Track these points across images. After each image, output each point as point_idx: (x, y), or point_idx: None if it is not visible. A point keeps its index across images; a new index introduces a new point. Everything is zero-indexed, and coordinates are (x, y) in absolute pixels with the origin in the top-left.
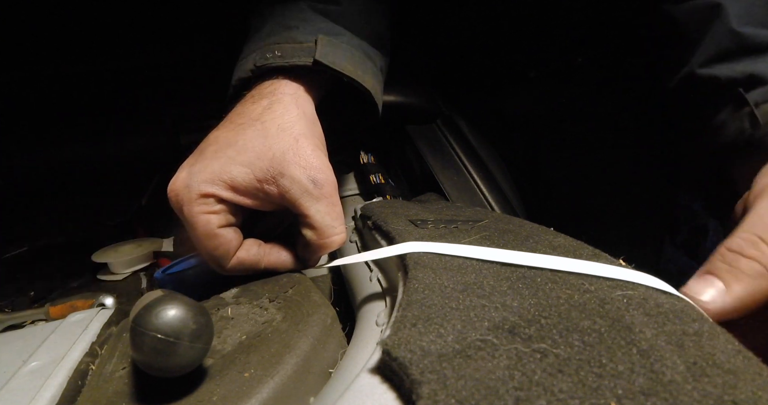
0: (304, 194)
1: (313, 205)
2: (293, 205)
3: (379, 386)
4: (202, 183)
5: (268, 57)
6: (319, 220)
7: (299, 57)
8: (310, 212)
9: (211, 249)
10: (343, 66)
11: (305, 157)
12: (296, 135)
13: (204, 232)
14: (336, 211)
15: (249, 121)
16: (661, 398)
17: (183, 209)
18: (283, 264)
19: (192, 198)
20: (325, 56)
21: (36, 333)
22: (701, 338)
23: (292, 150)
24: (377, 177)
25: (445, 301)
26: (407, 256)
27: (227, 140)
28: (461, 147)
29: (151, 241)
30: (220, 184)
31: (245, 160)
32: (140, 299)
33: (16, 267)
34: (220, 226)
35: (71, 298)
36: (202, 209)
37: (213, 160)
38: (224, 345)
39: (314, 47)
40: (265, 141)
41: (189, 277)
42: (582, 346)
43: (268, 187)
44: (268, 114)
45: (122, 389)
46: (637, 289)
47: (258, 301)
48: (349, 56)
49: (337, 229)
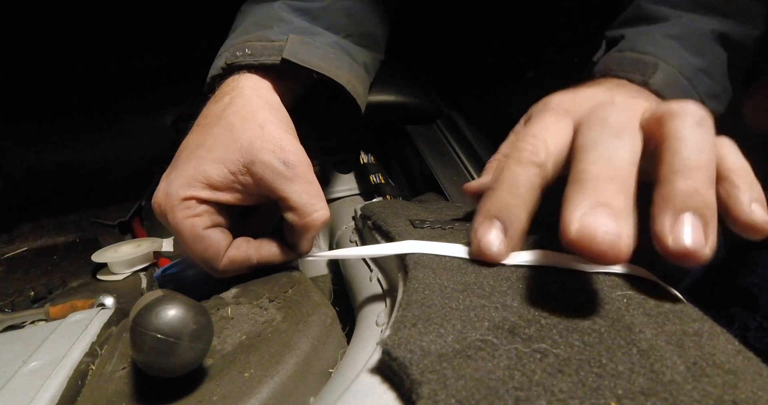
0: (278, 177)
1: (289, 186)
2: (270, 190)
3: (379, 386)
4: (180, 188)
5: (238, 55)
6: (296, 200)
7: (268, 55)
8: (286, 194)
9: (201, 251)
10: (314, 63)
11: (273, 142)
12: (260, 123)
13: (191, 236)
14: (313, 189)
15: (213, 119)
16: (661, 398)
17: (167, 217)
18: (275, 256)
19: (173, 204)
20: (295, 54)
21: (36, 333)
22: (701, 338)
23: (258, 137)
24: (377, 177)
25: (445, 301)
26: (407, 256)
27: (196, 142)
28: (461, 147)
29: (151, 241)
30: (197, 185)
31: (216, 157)
32: (140, 299)
33: (16, 267)
34: (205, 227)
35: (71, 298)
36: (185, 214)
37: (186, 164)
38: (224, 345)
39: (284, 46)
40: (231, 134)
41: (189, 277)
42: (582, 346)
43: (243, 177)
44: (230, 109)
45: (122, 389)
46: (637, 289)
47: (258, 301)
48: (322, 54)
49: (317, 206)
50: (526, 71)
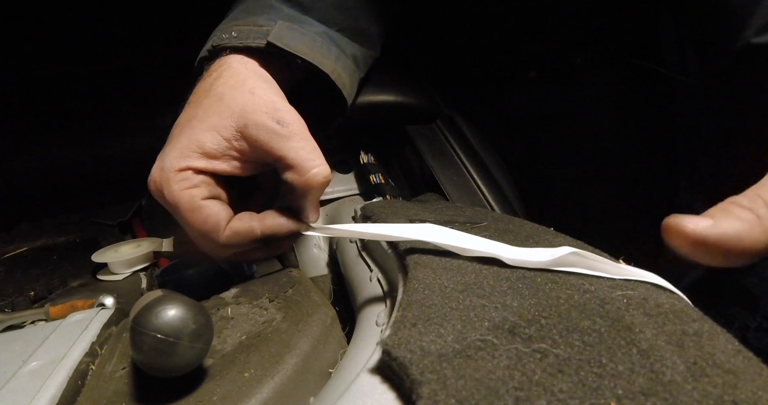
0: (273, 136)
1: (285, 144)
2: (266, 152)
3: (379, 386)
4: (174, 160)
5: (224, 38)
6: (294, 157)
7: (253, 39)
8: (283, 152)
9: (200, 223)
10: (299, 49)
11: (264, 104)
12: (250, 88)
13: (189, 207)
14: (310, 146)
15: (202, 93)
16: (661, 398)
17: (164, 192)
18: (280, 226)
19: (168, 177)
20: (280, 39)
21: (36, 333)
22: (701, 338)
23: (250, 102)
24: (377, 177)
25: (445, 301)
26: (407, 257)
27: (187, 117)
28: (461, 147)
29: (151, 241)
30: (191, 155)
31: (208, 125)
32: (140, 299)
33: (16, 267)
34: (203, 198)
35: (71, 298)
36: (182, 185)
37: (179, 137)
38: (224, 345)
39: (271, 30)
40: (221, 102)
41: (189, 277)
42: (582, 346)
43: (237, 143)
44: (219, 81)
45: (122, 389)
46: (637, 289)
47: (258, 301)
48: (309, 41)
49: (316, 162)
50: (528, 71)
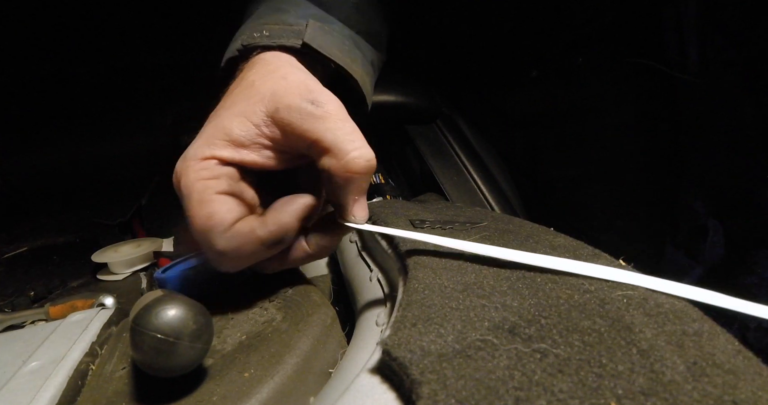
0: (307, 118)
1: (320, 125)
2: (299, 136)
3: (379, 386)
4: (199, 148)
5: (255, 36)
6: (330, 138)
7: (287, 38)
8: (318, 133)
9: (204, 218)
10: (331, 52)
11: (297, 85)
12: (283, 74)
13: (198, 199)
14: (349, 126)
15: (234, 86)
16: (661, 398)
17: (181, 182)
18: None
19: (188, 165)
20: (314, 40)
21: (36, 333)
22: (701, 338)
23: (281, 86)
24: (377, 177)
25: (445, 301)
26: (407, 257)
27: (217, 108)
28: (461, 147)
29: (151, 241)
30: (218, 143)
31: (238, 111)
32: (140, 299)
33: (16, 267)
34: (218, 192)
35: (71, 298)
36: (200, 175)
37: (206, 127)
38: (224, 345)
39: (304, 30)
40: (252, 89)
41: (189, 277)
42: (582, 346)
43: (268, 129)
44: (250, 72)
45: (122, 389)
46: (637, 289)
47: (258, 300)
48: (339, 44)
49: (357, 143)
50: (529, 71)
